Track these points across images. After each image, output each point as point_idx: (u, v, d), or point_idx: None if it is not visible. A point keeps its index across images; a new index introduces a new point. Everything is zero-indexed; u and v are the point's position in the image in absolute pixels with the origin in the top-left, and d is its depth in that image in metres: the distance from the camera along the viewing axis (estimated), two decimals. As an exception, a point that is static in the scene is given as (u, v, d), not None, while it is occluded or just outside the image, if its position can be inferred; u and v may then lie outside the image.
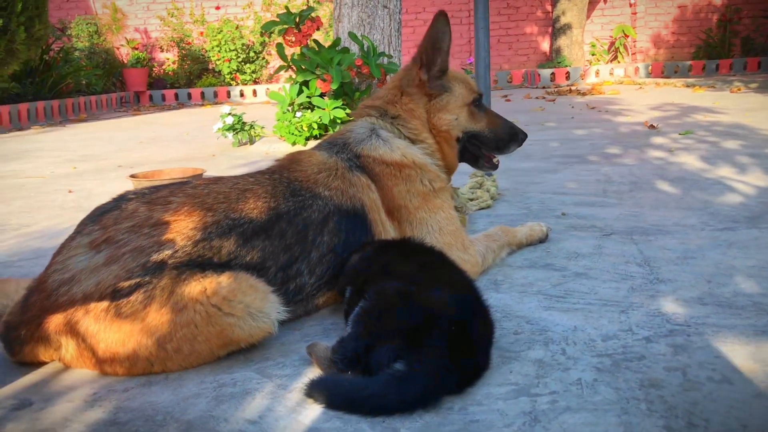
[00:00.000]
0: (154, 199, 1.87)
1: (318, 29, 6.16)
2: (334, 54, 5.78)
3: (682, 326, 1.86)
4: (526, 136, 2.57)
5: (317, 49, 5.96)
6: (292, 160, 2.22)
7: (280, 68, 6.20)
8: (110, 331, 1.69)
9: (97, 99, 12.98)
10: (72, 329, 1.71)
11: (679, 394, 1.50)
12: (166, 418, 1.52)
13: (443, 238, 2.27)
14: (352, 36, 5.89)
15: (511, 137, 2.52)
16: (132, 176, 4.45)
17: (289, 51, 6.23)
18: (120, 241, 1.75)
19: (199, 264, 1.76)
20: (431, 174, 2.33)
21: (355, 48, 6.11)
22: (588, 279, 2.28)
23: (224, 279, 1.74)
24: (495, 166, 2.58)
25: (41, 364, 1.82)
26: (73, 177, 5.20)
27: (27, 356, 1.79)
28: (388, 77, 6.15)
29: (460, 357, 1.53)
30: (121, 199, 1.90)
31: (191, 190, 1.92)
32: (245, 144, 6.63)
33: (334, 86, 5.62)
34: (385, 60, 6.04)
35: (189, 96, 15.32)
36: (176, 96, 15.37)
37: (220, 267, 1.79)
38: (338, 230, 2.06)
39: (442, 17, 2.29)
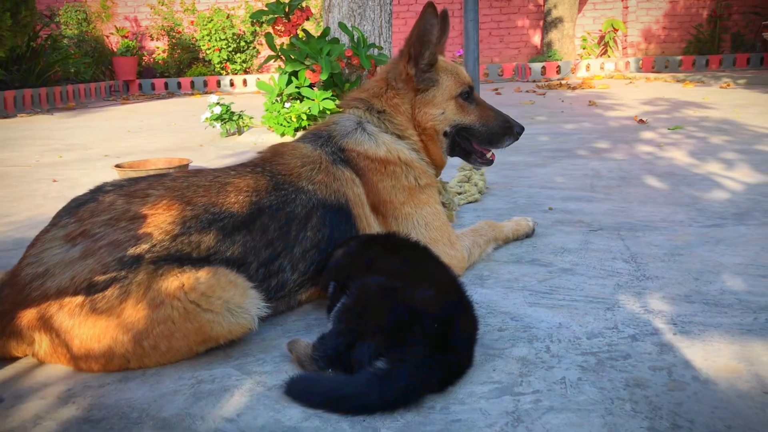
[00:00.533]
0: (132, 191, 1.82)
1: (308, 19, 6.10)
2: (324, 44, 5.72)
3: (668, 324, 1.84)
4: (522, 129, 2.47)
5: (306, 39, 5.90)
6: (275, 152, 2.17)
7: (270, 58, 6.14)
8: (85, 327, 1.65)
9: (85, 87, 12.85)
10: (45, 324, 1.67)
11: (663, 395, 1.47)
12: (142, 415, 1.48)
13: (429, 233, 2.24)
14: (342, 26, 5.84)
15: (505, 130, 2.42)
16: (117, 166, 4.40)
17: (278, 41, 6.17)
18: (96, 234, 1.71)
19: (177, 259, 1.72)
20: (417, 170, 2.28)
21: (345, 39, 6.05)
22: (574, 275, 2.26)
23: (203, 274, 1.71)
24: (489, 162, 2.49)
25: (13, 359, 1.78)
26: (59, 166, 5.14)
27: None
28: (378, 69, 6.11)
29: (442, 355, 1.50)
30: (98, 191, 1.86)
31: (170, 182, 1.88)
32: (233, 134, 6.57)
33: (323, 77, 5.57)
34: (376, 51, 5.99)
35: (179, 85, 15.20)
36: (166, 85, 15.25)
37: (199, 262, 1.75)
38: (322, 225, 2.02)
39: (430, 8, 2.23)
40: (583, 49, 16.33)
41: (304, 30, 5.99)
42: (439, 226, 2.27)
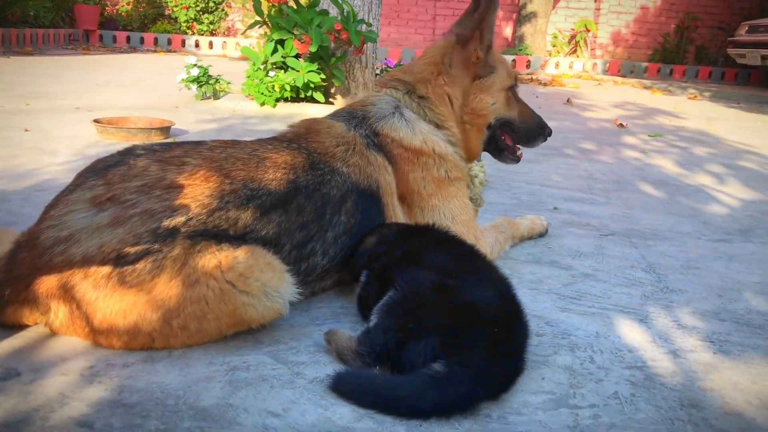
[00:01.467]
0: (167, 158, 1.69)
1: (299, -13, 5.90)
2: (315, 15, 5.55)
3: (706, 342, 1.81)
4: (551, 131, 2.45)
5: (296, 7, 5.72)
6: (310, 129, 2.05)
7: (255, 23, 5.94)
8: (110, 300, 1.52)
9: (44, 33, 12.28)
10: (66, 294, 1.54)
11: (722, 418, 1.44)
12: (178, 402, 1.37)
13: (456, 227, 2.16)
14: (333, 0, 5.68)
15: (540, 130, 2.40)
16: (96, 121, 4.20)
17: (265, 7, 5.97)
18: (128, 201, 1.58)
19: (214, 235, 1.61)
20: (450, 163, 2.18)
21: (334, 11, 5.89)
22: (597, 281, 2.22)
23: (241, 254, 1.59)
24: (518, 159, 2.44)
25: (20, 328, 1.63)
26: (27, 114, 4.86)
27: (9, 318, 1.61)
28: (366, 46, 5.98)
29: (501, 361, 1.43)
30: (128, 154, 1.72)
31: (207, 152, 1.75)
32: (209, 98, 6.34)
33: (312, 49, 5.41)
34: (364, 27, 5.85)
35: (141, 40, 14.67)
36: (128, 39, 14.70)
37: (236, 240, 1.64)
38: (355, 210, 1.92)
39: None
40: (553, 46, 16.43)
41: (294, -2, 5.80)
42: (466, 220, 2.20)
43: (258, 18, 5.89)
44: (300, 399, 1.42)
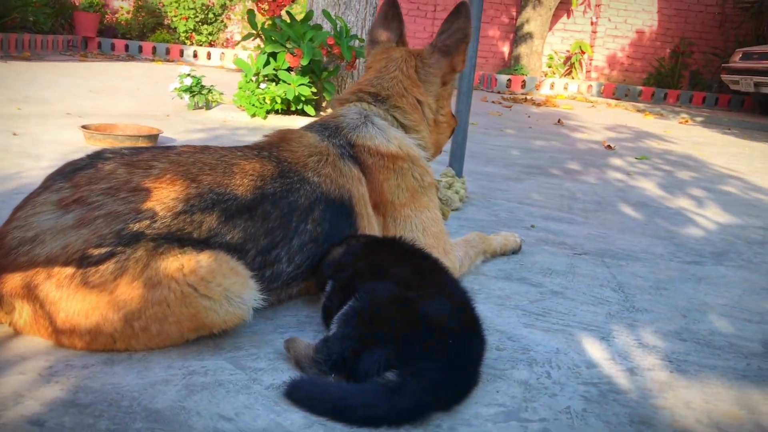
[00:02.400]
0: (135, 161, 1.72)
1: (294, 1, 5.97)
2: (308, 29, 5.61)
3: (664, 361, 1.83)
4: (457, 122, 2.75)
5: (290, 22, 5.78)
6: (283, 138, 2.08)
7: (248, 35, 5.99)
8: (73, 300, 1.54)
9: (43, 39, 12.33)
10: (30, 293, 1.56)
11: (670, 435, 1.46)
12: (132, 404, 1.39)
13: (426, 239, 2.18)
14: (326, 14, 5.74)
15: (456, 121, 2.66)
16: (84, 127, 4.23)
17: (259, 20, 6.03)
18: (93, 203, 1.60)
19: (178, 238, 1.63)
20: (421, 168, 2.24)
21: (327, 26, 5.95)
22: (565, 299, 2.25)
23: (204, 258, 1.61)
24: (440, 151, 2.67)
25: (-14, 325, 1.65)
26: (18, 118, 4.88)
27: (-28, 316, 1.63)
28: (358, 61, 6.03)
29: (455, 373, 1.45)
30: (97, 157, 1.74)
31: (175, 156, 1.77)
32: (201, 108, 6.38)
33: (304, 62, 5.46)
34: (357, 43, 5.91)
35: (140, 49, 14.75)
36: (126, 47, 14.77)
37: (200, 244, 1.66)
38: (323, 219, 1.95)
39: (468, 6, 2.30)
40: (549, 67, 16.55)
41: (288, 12, 5.86)
42: (437, 233, 2.23)
43: (252, 31, 5.94)
44: (254, 404, 1.43)
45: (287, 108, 5.86)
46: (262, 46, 5.85)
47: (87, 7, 14.56)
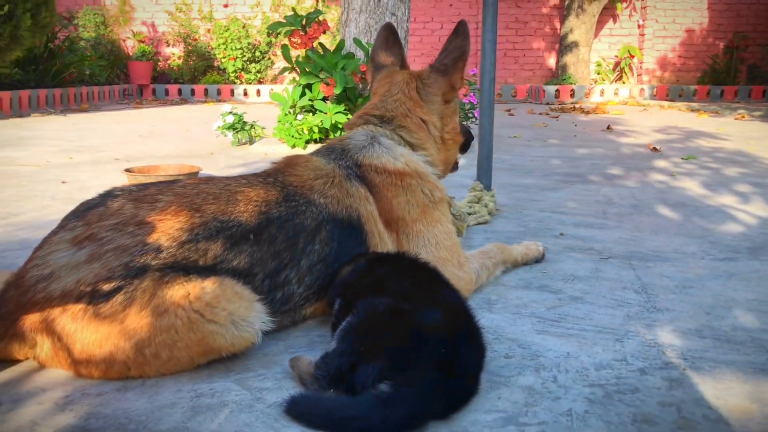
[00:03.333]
0: (141, 196, 1.81)
1: (324, 33, 6.11)
2: (339, 58, 5.73)
3: (679, 359, 1.80)
4: (473, 137, 2.84)
5: (322, 52, 5.92)
6: (288, 163, 2.16)
7: (284, 69, 6.16)
8: (87, 332, 1.63)
9: (99, 90, 12.92)
10: (48, 327, 1.65)
11: (673, 432, 1.44)
12: (138, 428, 1.45)
13: (439, 252, 2.21)
14: (357, 42, 5.85)
15: (470, 135, 2.73)
16: (127, 170, 4.40)
17: (294, 53, 6.19)
18: (103, 238, 1.69)
19: (183, 267, 1.70)
20: (431, 184, 2.28)
21: (360, 54, 6.06)
22: (583, 303, 2.23)
23: (209, 284, 1.68)
24: (457, 167, 2.73)
25: (15, 362, 1.75)
26: (68, 167, 5.14)
27: (1, 353, 1.73)
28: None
29: (448, 381, 1.47)
30: (107, 196, 1.85)
31: (180, 189, 1.86)
32: (245, 144, 6.57)
33: (337, 91, 5.57)
34: (390, 67, 5.99)
35: (192, 92, 15.27)
36: (179, 91, 15.32)
37: (206, 271, 1.73)
38: (330, 239, 2.00)
39: (466, 25, 2.35)
40: (598, 74, 16.34)
41: (320, 43, 6.00)
42: (450, 246, 2.25)
43: (288, 65, 6.10)
44: (255, 422, 1.48)
45: (325, 136, 5.97)
46: (298, 78, 6.00)
47: (140, 56, 15.19)
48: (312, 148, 5.97)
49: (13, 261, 2.60)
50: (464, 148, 2.67)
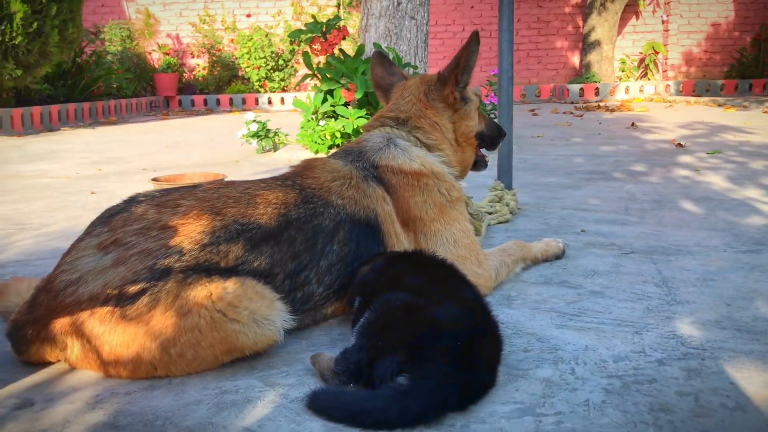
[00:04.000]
0: (164, 202, 1.86)
1: (344, 38, 6.17)
2: (359, 63, 5.79)
3: (697, 350, 1.80)
4: (506, 132, 2.84)
5: (343, 58, 5.97)
6: (306, 166, 2.20)
7: (306, 77, 6.23)
8: (115, 333, 1.68)
9: (127, 102, 13.15)
10: (77, 330, 1.71)
11: (689, 420, 1.45)
12: (165, 423, 1.50)
13: (458, 251, 2.24)
14: (378, 47, 5.89)
15: (499, 133, 2.72)
16: (154, 179, 4.48)
17: (315, 60, 6.26)
18: (128, 243, 1.75)
19: (206, 269, 1.75)
20: (447, 183, 2.32)
21: (380, 58, 6.11)
22: (603, 298, 2.24)
23: (230, 284, 1.73)
24: (487, 163, 2.76)
25: (47, 363, 1.82)
26: (98, 179, 5.25)
27: (33, 356, 1.79)
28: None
29: (464, 374, 1.49)
30: (131, 202, 1.90)
31: (201, 193, 1.91)
32: (269, 151, 6.65)
33: (358, 95, 5.62)
34: (411, 71, 6.03)
35: (218, 102, 15.46)
36: (205, 102, 15.52)
37: (227, 272, 1.77)
38: (349, 240, 2.04)
39: (476, 38, 2.37)
40: (622, 71, 16.22)
41: (340, 49, 6.06)
42: (468, 244, 2.27)
43: (309, 71, 6.17)
44: (277, 417, 1.52)
45: (348, 141, 6.02)
46: (319, 85, 6.06)
47: (165, 68, 15.43)
48: (335, 153, 6.04)
49: (46, 270, 2.67)
50: (493, 144, 2.69)
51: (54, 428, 1.50)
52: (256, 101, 15.35)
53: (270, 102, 15.32)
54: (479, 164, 2.70)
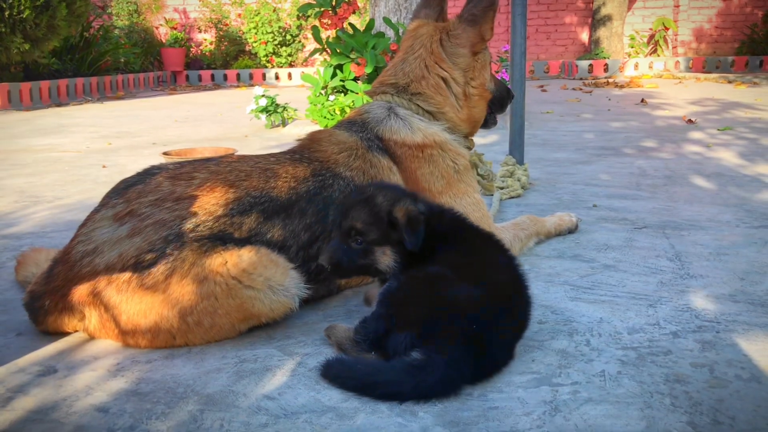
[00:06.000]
0: (178, 174, 1.87)
1: (354, 13, 6.12)
2: (369, 38, 5.75)
3: (712, 323, 1.81)
4: (514, 94, 2.69)
5: (352, 32, 5.94)
6: (313, 139, 2.20)
7: (315, 51, 6.19)
8: (132, 302, 1.70)
9: (134, 77, 13.12)
10: (95, 299, 1.73)
11: (704, 391, 1.46)
12: (187, 390, 1.52)
13: (470, 224, 2.23)
14: (387, 21, 5.85)
15: (507, 94, 2.60)
16: (165, 153, 4.49)
17: (324, 34, 6.22)
18: (143, 214, 1.76)
19: (220, 238, 1.76)
20: (453, 152, 2.29)
21: (390, 33, 6.07)
22: (617, 272, 2.24)
23: (245, 252, 1.74)
24: (497, 121, 2.64)
25: (66, 334, 1.84)
26: (108, 152, 5.26)
27: (51, 326, 1.81)
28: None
29: (477, 352, 1.50)
30: (145, 174, 1.91)
31: (214, 167, 1.92)
32: (278, 126, 6.64)
33: (368, 70, 5.59)
34: (421, 45, 5.99)
35: (225, 77, 15.41)
36: (212, 77, 15.47)
37: (242, 242, 1.79)
38: (360, 211, 2.04)
39: None
40: (632, 47, 16.06)
41: (350, 24, 6.02)
42: (480, 217, 2.27)
43: (318, 46, 6.14)
44: (297, 385, 1.54)
45: (357, 116, 6.00)
46: (329, 59, 6.03)
47: (173, 43, 15.37)
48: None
49: (61, 241, 2.69)
50: (502, 105, 2.58)
51: (77, 394, 1.52)
52: (263, 76, 15.29)
53: (277, 77, 15.25)
54: (489, 121, 2.58)
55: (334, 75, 5.93)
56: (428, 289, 1.60)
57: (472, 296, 1.58)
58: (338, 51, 5.86)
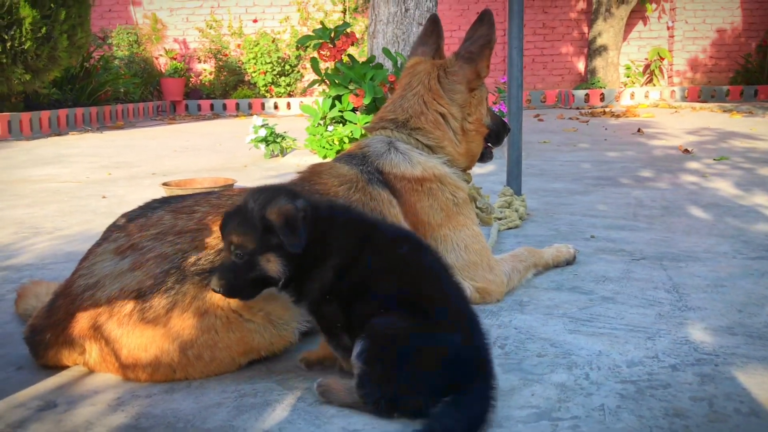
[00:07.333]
0: (180, 208, 1.89)
1: (353, 44, 6.20)
2: (368, 69, 5.81)
3: (710, 355, 1.82)
4: (510, 128, 2.79)
5: (351, 64, 6.00)
6: (313, 172, 2.22)
7: (314, 82, 6.26)
8: (133, 336, 1.70)
9: (134, 107, 13.20)
10: (96, 333, 1.73)
11: (704, 425, 1.46)
12: (186, 426, 1.52)
13: (469, 256, 2.25)
14: (386, 52, 5.93)
15: (504, 127, 2.63)
16: (164, 184, 4.51)
17: (323, 65, 6.29)
18: (144, 247, 1.77)
19: (222, 272, 1.77)
20: (452, 186, 2.31)
21: (388, 64, 6.14)
22: (615, 303, 2.25)
23: (247, 287, 1.75)
24: (492, 155, 2.66)
25: (66, 367, 1.84)
26: (108, 183, 5.29)
27: (51, 360, 1.82)
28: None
29: (488, 384, 1.50)
30: (147, 208, 1.93)
31: (215, 200, 1.93)
32: (276, 156, 6.68)
33: (366, 101, 5.65)
34: (419, 76, 6.05)
35: (224, 107, 15.51)
36: (212, 106, 15.57)
37: (244, 277, 1.80)
38: (360, 243, 2.05)
39: (491, 14, 2.38)
40: (627, 77, 16.23)
41: (348, 55, 6.09)
42: (479, 249, 2.29)
43: (317, 77, 6.20)
44: (297, 420, 1.54)
45: (356, 146, 6.04)
46: (327, 90, 6.09)
47: (172, 72, 15.50)
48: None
49: (61, 273, 2.70)
50: (498, 139, 2.60)
51: (77, 430, 1.52)
52: (263, 106, 15.39)
53: (276, 107, 15.36)
54: (486, 155, 2.61)
55: (332, 106, 5.98)
56: (420, 350, 1.51)
57: (465, 336, 1.56)
58: (337, 82, 5.92)
